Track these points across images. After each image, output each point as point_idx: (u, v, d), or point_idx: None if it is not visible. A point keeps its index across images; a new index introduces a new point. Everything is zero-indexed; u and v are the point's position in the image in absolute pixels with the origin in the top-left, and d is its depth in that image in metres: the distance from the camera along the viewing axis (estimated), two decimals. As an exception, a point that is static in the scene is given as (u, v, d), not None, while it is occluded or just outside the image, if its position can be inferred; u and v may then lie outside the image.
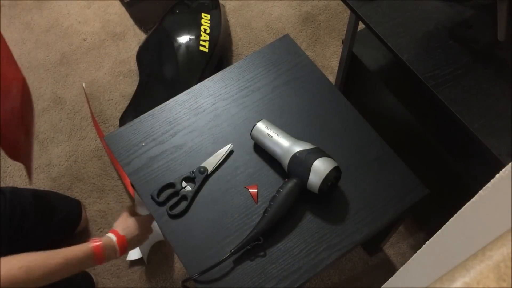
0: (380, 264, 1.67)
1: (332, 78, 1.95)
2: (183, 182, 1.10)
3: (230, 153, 1.14)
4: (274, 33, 2.16)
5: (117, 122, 1.93)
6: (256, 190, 1.10)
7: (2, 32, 2.21)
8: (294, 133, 1.10)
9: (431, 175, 1.37)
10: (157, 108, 1.22)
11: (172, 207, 1.08)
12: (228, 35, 2.13)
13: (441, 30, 1.19)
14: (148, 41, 1.98)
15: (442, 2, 1.22)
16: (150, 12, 2.18)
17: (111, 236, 1.13)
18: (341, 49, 1.85)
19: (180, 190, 1.09)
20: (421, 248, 0.62)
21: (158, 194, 1.09)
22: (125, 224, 1.17)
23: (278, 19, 2.20)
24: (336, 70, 1.80)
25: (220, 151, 1.13)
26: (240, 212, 1.07)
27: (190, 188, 1.10)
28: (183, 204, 1.08)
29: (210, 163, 1.12)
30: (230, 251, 1.01)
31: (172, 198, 1.09)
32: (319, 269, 1.01)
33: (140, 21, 2.18)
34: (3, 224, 1.25)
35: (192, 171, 1.11)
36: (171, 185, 1.10)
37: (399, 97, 1.44)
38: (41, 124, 1.89)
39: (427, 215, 1.63)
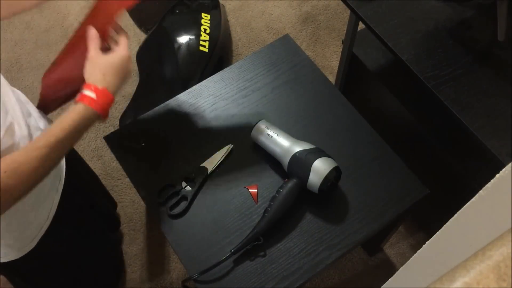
0: (380, 264, 1.67)
1: (332, 78, 1.95)
2: (183, 182, 1.10)
3: (230, 153, 1.14)
4: (274, 33, 2.16)
5: (117, 122, 1.93)
6: (256, 190, 1.09)
7: (2, 32, 2.21)
8: (294, 133, 1.10)
9: (431, 175, 1.37)
10: (157, 108, 1.22)
11: (172, 207, 1.08)
12: (228, 35, 2.13)
13: (441, 30, 1.19)
14: (148, 41, 1.98)
15: (442, 2, 1.22)
16: (150, 12, 2.18)
17: (87, 93, 0.84)
18: (341, 49, 1.85)
19: (180, 190, 1.09)
20: (421, 248, 0.62)
21: (158, 194, 1.09)
22: (97, 70, 0.86)
23: (278, 19, 2.20)
24: (336, 70, 1.79)
25: (220, 151, 1.13)
26: (240, 212, 1.07)
27: (190, 188, 1.10)
28: (183, 204, 1.08)
29: (210, 163, 1.12)
30: (230, 251, 1.01)
31: (172, 198, 1.09)
32: (319, 269, 1.01)
33: (140, 21, 2.18)
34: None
35: (192, 171, 1.11)
36: (171, 185, 1.10)
37: (399, 97, 1.44)
38: (41, 124, 1.90)
39: (427, 215, 1.63)
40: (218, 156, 1.12)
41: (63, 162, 1.10)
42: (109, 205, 1.65)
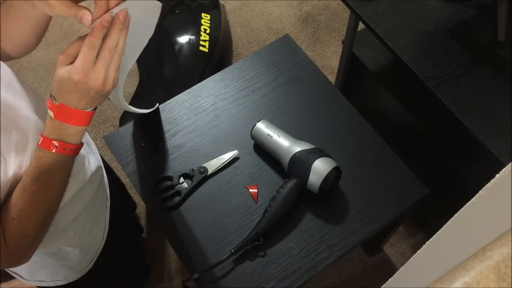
0: (380, 264, 1.67)
1: (332, 78, 1.95)
2: (181, 178, 1.10)
3: (235, 159, 1.13)
4: (274, 33, 2.16)
5: (117, 122, 1.93)
6: (256, 190, 1.09)
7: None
8: (294, 133, 1.10)
9: (431, 175, 1.37)
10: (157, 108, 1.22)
11: (165, 200, 1.08)
12: (228, 35, 2.13)
13: (441, 30, 1.19)
14: (148, 41, 1.98)
15: (442, 2, 1.22)
16: (150, 12, 2.18)
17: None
18: (341, 49, 1.85)
19: (176, 185, 1.09)
20: (421, 248, 0.62)
21: (155, 185, 1.10)
22: (54, 81, 0.67)
23: (278, 19, 2.20)
24: (336, 70, 1.79)
25: (224, 155, 1.13)
26: (240, 212, 1.07)
27: (186, 186, 1.10)
28: (176, 199, 1.08)
29: (211, 165, 1.11)
30: (230, 251, 1.01)
31: (167, 191, 1.09)
32: (319, 269, 1.01)
33: (140, 21, 2.18)
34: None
35: (192, 169, 1.11)
36: (168, 177, 1.10)
37: (399, 97, 1.44)
38: (41, 124, 1.90)
39: (427, 215, 1.63)
40: (221, 160, 1.12)
41: (105, 178, 1.11)
42: (131, 209, 1.67)
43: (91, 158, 1.00)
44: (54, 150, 0.69)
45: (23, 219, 0.72)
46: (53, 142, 0.69)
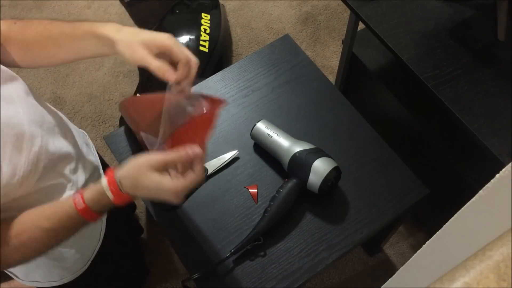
0: (380, 264, 1.67)
1: (332, 78, 1.95)
2: None
3: (235, 159, 1.13)
4: (274, 33, 2.16)
5: (117, 122, 1.93)
6: (256, 190, 1.09)
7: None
8: (294, 133, 1.10)
9: (431, 175, 1.37)
10: (157, 108, 1.22)
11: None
12: (228, 35, 2.13)
13: (441, 30, 1.19)
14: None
15: (442, 2, 1.22)
16: (150, 12, 2.18)
17: (103, 181, 0.74)
18: (341, 49, 1.85)
19: None
20: (421, 248, 0.62)
21: None
22: (135, 179, 0.73)
23: (278, 19, 2.20)
24: (336, 70, 1.80)
25: (224, 155, 1.13)
26: (240, 212, 1.07)
27: (187, 185, 1.09)
28: None
29: (211, 165, 1.12)
30: (230, 251, 1.01)
31: None
32: (319, 269, 1.01)
33: (140, 21, 2.18)
34: None
35: (192, 170, 1.11)
36: None
37: (399, 97, 1.44)
38: (41, 124, 1.89)
39: (427, 215, 1.63)
40: (221, 160, 1.12)
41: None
42: (131, 209, 1.67)
43: (89, 159, 1.00)
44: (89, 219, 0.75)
45: (14, 252, 0.74)
46: (96, 214, 0.75)
